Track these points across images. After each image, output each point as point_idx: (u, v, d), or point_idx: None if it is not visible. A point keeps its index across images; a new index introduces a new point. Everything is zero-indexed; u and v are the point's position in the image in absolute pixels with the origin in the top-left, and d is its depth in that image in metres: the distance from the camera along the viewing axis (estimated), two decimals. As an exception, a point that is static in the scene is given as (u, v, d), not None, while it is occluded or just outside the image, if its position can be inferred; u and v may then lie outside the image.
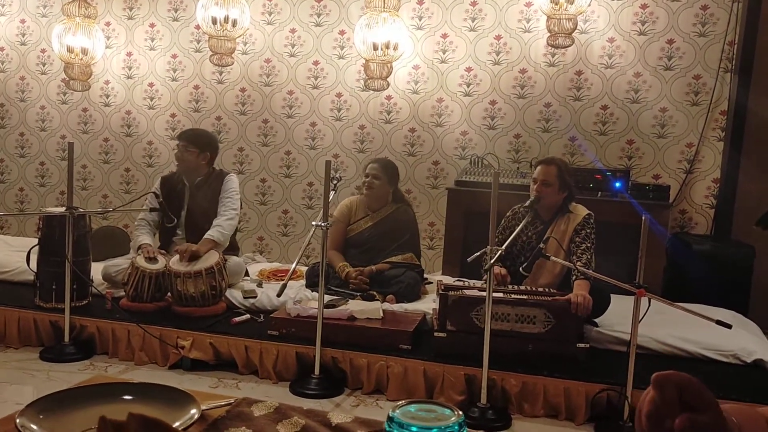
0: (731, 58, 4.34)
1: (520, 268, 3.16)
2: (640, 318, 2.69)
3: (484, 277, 3.10)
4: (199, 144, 3.96)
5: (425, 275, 4.13)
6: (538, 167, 3.45)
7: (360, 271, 3.77)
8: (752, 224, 4.21)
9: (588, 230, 3.39)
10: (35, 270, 3.63)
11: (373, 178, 3.93)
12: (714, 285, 3.87)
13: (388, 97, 4.94)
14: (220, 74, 5.28)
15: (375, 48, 4.49)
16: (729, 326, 2.61)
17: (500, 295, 3.13)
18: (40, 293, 3.63)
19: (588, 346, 3.08)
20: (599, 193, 4.19)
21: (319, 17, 5.05)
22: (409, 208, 4.10)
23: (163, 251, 3.86)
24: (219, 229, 3.82)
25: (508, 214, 3.62)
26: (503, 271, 3.36)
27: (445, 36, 4.81)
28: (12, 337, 3.54)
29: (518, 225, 3.44)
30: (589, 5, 4.27)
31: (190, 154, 3.93)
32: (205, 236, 3.78)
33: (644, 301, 2.68)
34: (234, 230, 3.97)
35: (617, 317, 3.34)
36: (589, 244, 3.36)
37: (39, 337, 3.55)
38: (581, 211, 3.46)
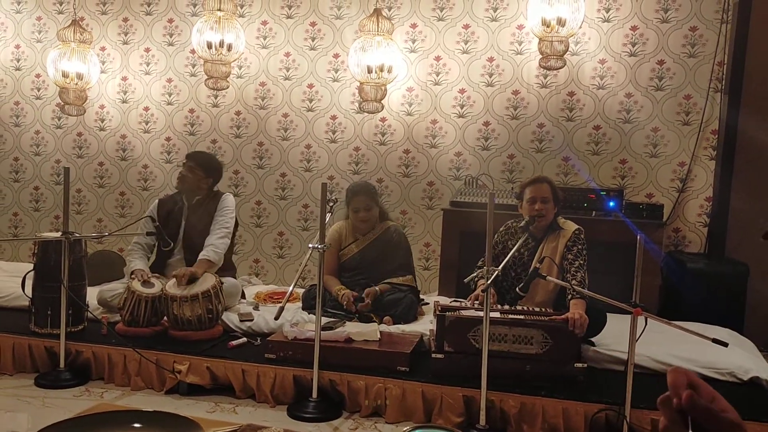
0: (721, 79, 4.40)
1: (517, 288, 3.15)
2: (637, 337, 2.69)
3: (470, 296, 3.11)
4: (206, 168, 4.04)
5: (421, 296, 4.13)
6: (531, 187, 3.47)
7: (361, 295, 3.75)
8: (745, 242, 4.25)
9: (579, 246, 3.41)
10: (30, 295, 3.62)
11: (365, 210, 3.91)
12: (709, 303, 3.89)
13: (383, 119, 4.98)
14: (216, 98, 5.31)
15: (369, 71, 4.53)
16: (725, 344, 2.62)
17: (497, 315, 3.14)
18: (35, 319, 3.60)
19: (585, 365, 3.08)
20: (593, 212, 4.23)
21: (313, 41, 5.10)
22: (397, 226, 4.12)
23: (157, 275, 3.86)
24: (212, 248, 3.83)
25: (501, 229, 3.64)
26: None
27: (438, 58, 4.86)
28: (6, 363, 3.51)
29: (511, 240, 3.46)
30: (580, 27, 4.33)
31: (195, 176, 3.98)
32: (200, 257, 3.79)
33: (641, 320, 2.69)
34: (228, 247, 3.97)
35: (614, 336, 3.34)
36: (581, 261, 3.37)
37: (34, 363, 3.52)
38: (570, 226, 3.49)
